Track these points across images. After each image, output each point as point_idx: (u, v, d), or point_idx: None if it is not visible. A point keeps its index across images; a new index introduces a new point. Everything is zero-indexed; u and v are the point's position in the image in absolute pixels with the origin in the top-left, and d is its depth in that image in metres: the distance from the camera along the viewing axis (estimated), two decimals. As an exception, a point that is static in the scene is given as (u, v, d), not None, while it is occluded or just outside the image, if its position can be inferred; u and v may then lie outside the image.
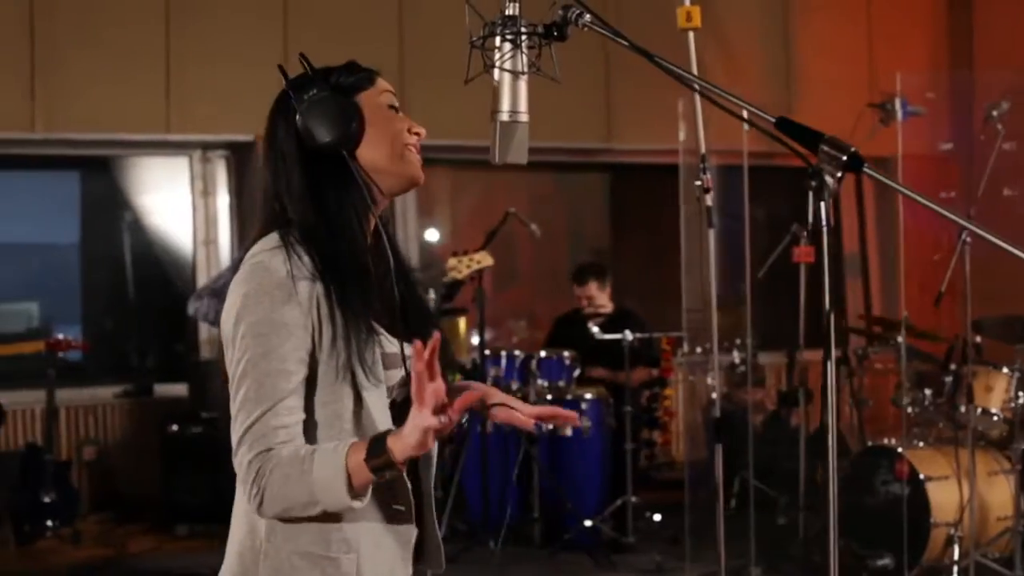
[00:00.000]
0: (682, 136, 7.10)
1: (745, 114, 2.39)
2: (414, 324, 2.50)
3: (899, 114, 6.68)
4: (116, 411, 9.22)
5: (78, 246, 11.20)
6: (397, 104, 2.55)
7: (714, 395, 5.98)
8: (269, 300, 2.32)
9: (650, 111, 8.39)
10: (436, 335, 2.20)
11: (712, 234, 5.39)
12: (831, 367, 2.28)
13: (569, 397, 7.74)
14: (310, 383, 2.37)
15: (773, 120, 2.35)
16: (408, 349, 2.41)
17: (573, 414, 2.60)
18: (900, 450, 6.72)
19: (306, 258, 2.37)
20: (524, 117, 2.54)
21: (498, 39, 2.50)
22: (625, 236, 11.43)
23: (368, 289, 2.41)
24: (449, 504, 7.17)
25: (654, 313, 8.71)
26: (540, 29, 2.50)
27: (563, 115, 9.34)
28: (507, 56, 2.50)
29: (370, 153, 2.48)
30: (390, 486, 2.39)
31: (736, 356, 8.28)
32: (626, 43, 2.44)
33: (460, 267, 7.13)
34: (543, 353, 7.93)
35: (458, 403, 2.21)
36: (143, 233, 10.01)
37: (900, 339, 6.81)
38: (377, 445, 2.23)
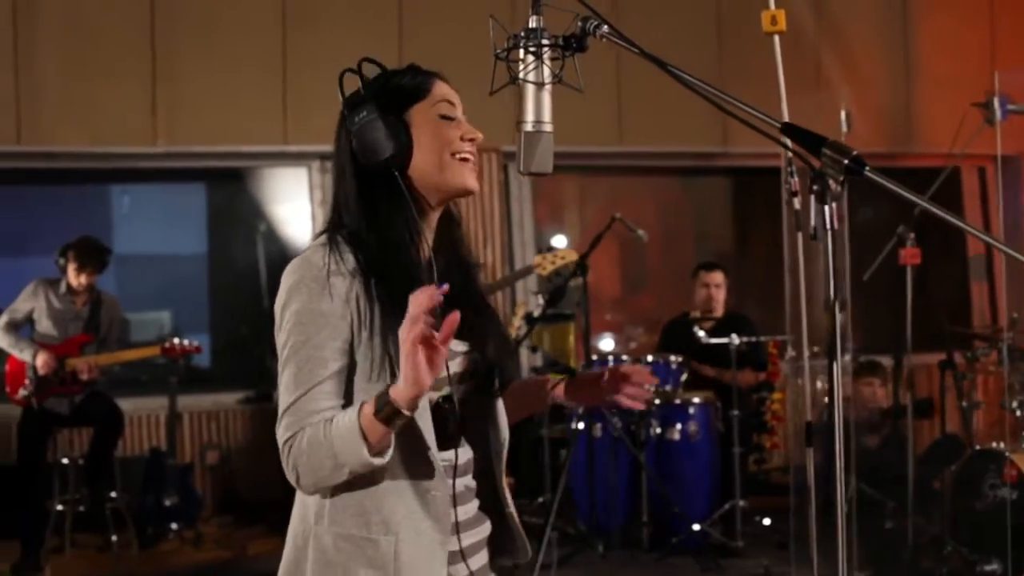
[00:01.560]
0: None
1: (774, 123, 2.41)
2: (471, 324, 2.57)
3: (998, 113, 6.56)
4: (239, 416, 9.43)
5: (205, 256, 11.48)
6: (453, 112, 2.61)
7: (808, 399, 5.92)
8: (307, 292, 2.45)
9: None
10: (455, 314, 2.28)
11: (801, 238, 5.36)
12: (837, 369, 2.31)
13: (677, 401, 7.74)
14: (352, 376, 2.48)
15: (779, 125, 2.38)
16: (458, 345, 2.55)
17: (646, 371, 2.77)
18: (1008, 454, 6.61)
19: (348, 256, 2.49)
20: (548, 127, 2.59)
21: (521, 51, 2.55)
22: (748, 239, 11.40)
23: (407, 288, 2.44)
24: (554, 507, 7.20)
25: (776, 316, 8.67)
26: (560, 41, 2.55)
27: (682, 120, 9.37)
28: (530, 68, 2.55)
29: (420, 166, 2.57)
30: (427, 472, 2.47)
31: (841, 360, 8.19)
32: (637, 51, 2.47)
33: (545, 264, 7.15)
34: (650, 357, 7.95)
35: (444, 328, 2.27)
36: (267, 242, 10.22)
37: (1005, 342, 6.69)
38: (381, 397, 2.31)
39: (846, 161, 2.26)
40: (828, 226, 2.31)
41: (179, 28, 9.10)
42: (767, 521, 7.94)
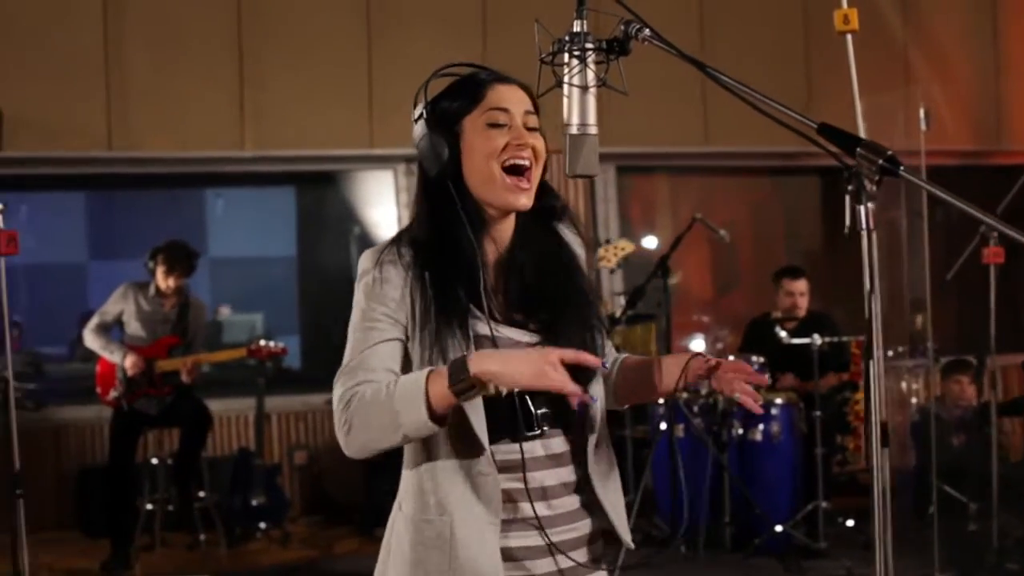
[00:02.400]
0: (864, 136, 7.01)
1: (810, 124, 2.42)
2: (545, 318, 2.66)
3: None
4: (327, 418, 9.47)
5: (295, 259, 11.61)
6: (503, 118, 2.63)
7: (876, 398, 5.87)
8: (368, 277, 2.62)
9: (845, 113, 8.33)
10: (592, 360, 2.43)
11: (874, 236, 5.33)
12: (875, 367, 2.32)
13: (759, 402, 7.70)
14: (408, 360, 2.59)
15: (815, 126, 2.39)
16: (527, 337, 2.62)
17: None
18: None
19: (406, 251, 2.63)
20: (593, 129, 2.60)
21: (566, 55, 2.59)
22: (837, 238, 11.32)
23: (460, 279, 2.58)
24: (635, 507, 7.23)
25: (863, 315, 8.59)
26: (603, 45, 2.58)
27: (768, 120, 9.33)
28: (575, 71, 2.58)
29: (470, 177, 2.64)
30: (478, 456, 2.55)
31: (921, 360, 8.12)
32: (676, 52, 2.50)
33: (609, 256, 7.15)
34: (731, 358, 7.90)
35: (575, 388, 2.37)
36: (355, 245, 10.31)
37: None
38: (458, 367, 2.39)
39: (881, 161, 2.27)
40: (864, 226, 2.33)
41: (266, 34, 9.23)
42: (850, 522, 7.88)
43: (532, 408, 2.59)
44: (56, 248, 13.98)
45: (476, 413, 2.53)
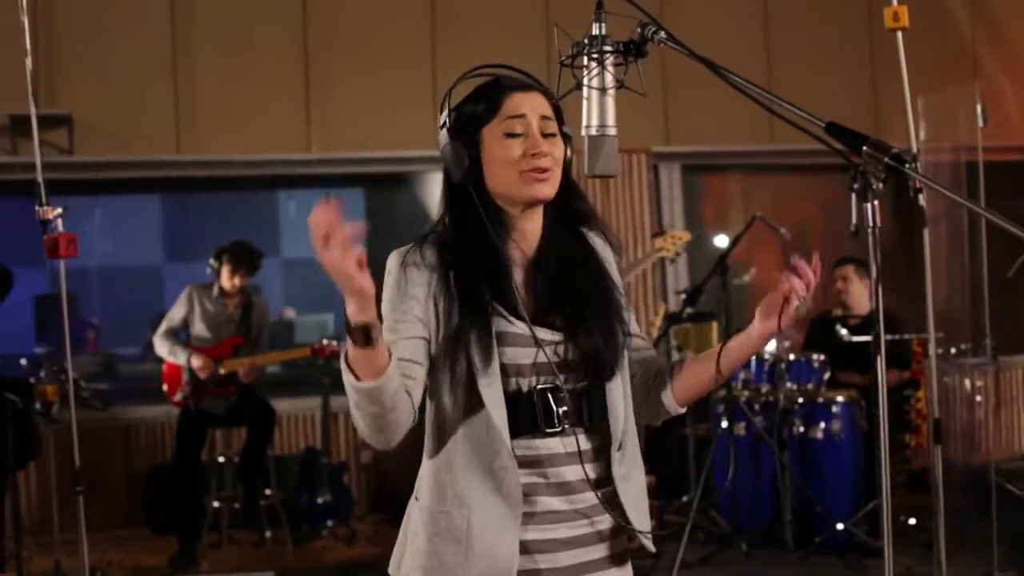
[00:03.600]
0: (922, 135, 6.99)
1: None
2: (568, 314, 2.70)
3: None
4: (393, 417, 9.57)
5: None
6: (520, 127, 2.67)
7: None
8: (392, 277, 2.67)
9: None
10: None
11: (927, 234, 5.34)
12: (881, 364, 2.34)
13: (819, 400, 7.70)
14: (432, 359, 2.64)
15: (823, 124, 2.41)
16: (549, 335, 2.66)
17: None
18: None
19: (430, 252, 2.68)
20: (612, 131, 2.64)
21: (585, 58, 2.63)
22: (907, 237, 11.23)
23: (484, 279, 2.65)
24: (694, 505, 7.23)
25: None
26: (620, 47, 2.62)
27: (829, 115, 9.31)
28: (594, 74, 2.62)
29: (491, 184, 2.70)
30: (497, 452, 2.60)
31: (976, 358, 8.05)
32: (687, 52, 2.53)
33: (668, 246, 7.15)
34: (792, 356, 7.91)
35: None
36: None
37: None
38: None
39: (886, 159, 2.29)
40: (870, 224, 2.35)
41: (330, 37, 9.34)
42: (912, 520, 7.83)
43: (554, 406, 2.64)
44: (132, 251, 14.21)
45: (498, 408, 2.59)
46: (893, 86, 7.98)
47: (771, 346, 10.15)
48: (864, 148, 2.33)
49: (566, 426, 2.65)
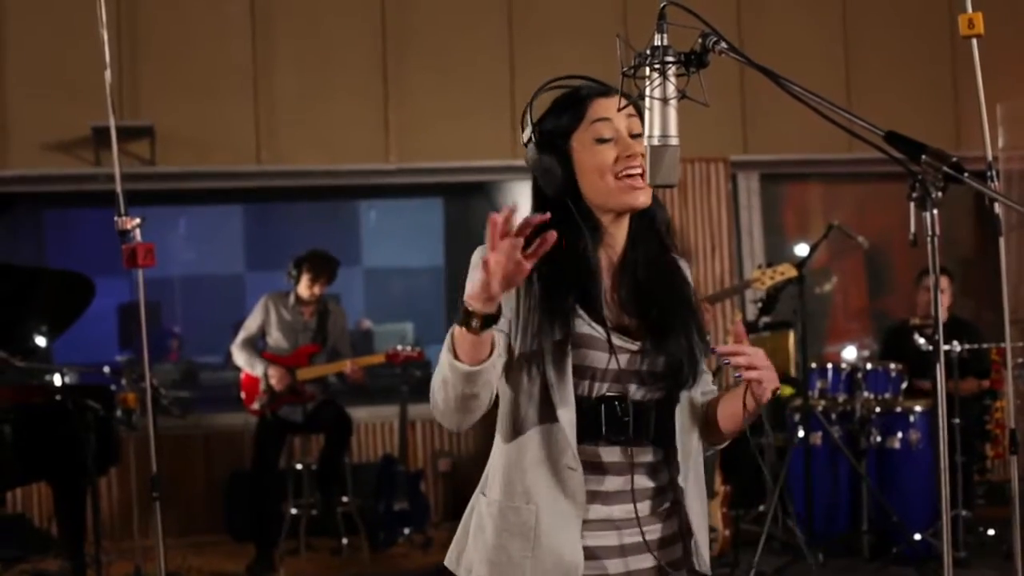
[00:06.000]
0: (1000, 143, 6.94)
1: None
2: (650, 323, 2.72)
3: None
4: (473, 425, 9.61)
5: (443, 269, 11.79)
6: (609, 131, 2.72)
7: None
8: (476, 272, 2.58)
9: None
10: (551, 234, 2.36)
11: (1002, 242, 5.30)
12: (940, 372, 2.34)
13: (897, 409, 7.66)
14: (510, 365, 2.65)
15: (882, 134, 2.42)
16: (627, 343, 2.68)
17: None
18: None
19: None
20: (674, 141, 2.65)
21: (647, 68, 2.65)
22: (990, 245, 11.12)
23: (572, 284, 2.66)
24: (769, 515, 7.21)
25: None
26: (682, 58, 2.64)
27: (910, 125, 9.24)
28: (656, 84, 2.64)
29: (587, 191, 2.73)
30: (565, 453, 2.62)
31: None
32: (745, 60, 2.54)
33: (764, 279, 7.17)
34: (869, 365, 7.87)
35: (535, 248, 2.35)
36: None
37: None
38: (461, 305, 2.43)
39: (944, 168, 2.29)
40: (930, 232, 2.35)
41: (409, 47, 9.41)
42: (991, 531, 7.75)
43: (619, 415, 2.66)
44: (214, 260, 14.38)
45: (567, 409, 2.61)
46: (973, 94, 7.92)
47: (849, 354, 10.15)
48: (923, 157, 2.33)
49: (630, 435, 2.67)
